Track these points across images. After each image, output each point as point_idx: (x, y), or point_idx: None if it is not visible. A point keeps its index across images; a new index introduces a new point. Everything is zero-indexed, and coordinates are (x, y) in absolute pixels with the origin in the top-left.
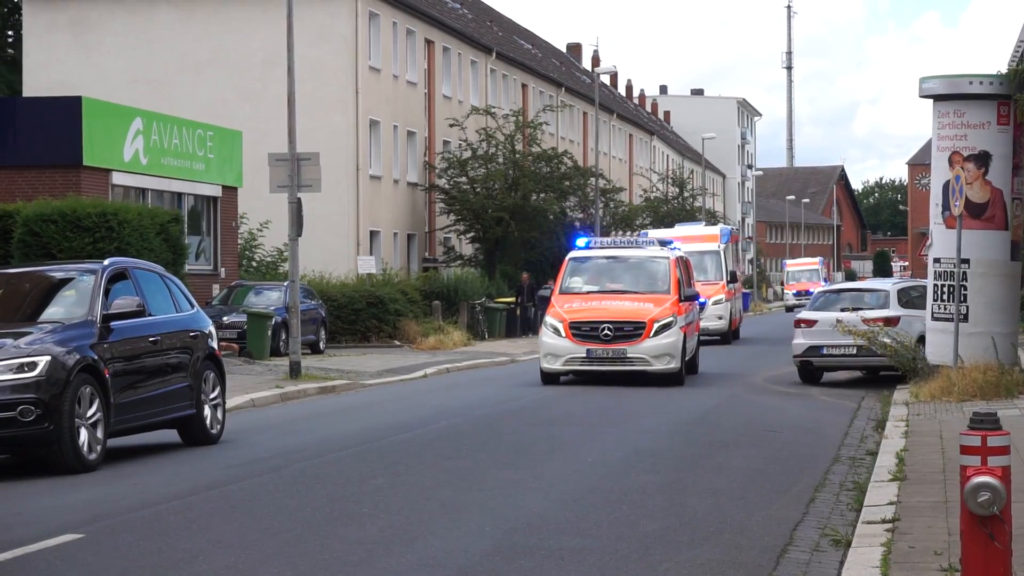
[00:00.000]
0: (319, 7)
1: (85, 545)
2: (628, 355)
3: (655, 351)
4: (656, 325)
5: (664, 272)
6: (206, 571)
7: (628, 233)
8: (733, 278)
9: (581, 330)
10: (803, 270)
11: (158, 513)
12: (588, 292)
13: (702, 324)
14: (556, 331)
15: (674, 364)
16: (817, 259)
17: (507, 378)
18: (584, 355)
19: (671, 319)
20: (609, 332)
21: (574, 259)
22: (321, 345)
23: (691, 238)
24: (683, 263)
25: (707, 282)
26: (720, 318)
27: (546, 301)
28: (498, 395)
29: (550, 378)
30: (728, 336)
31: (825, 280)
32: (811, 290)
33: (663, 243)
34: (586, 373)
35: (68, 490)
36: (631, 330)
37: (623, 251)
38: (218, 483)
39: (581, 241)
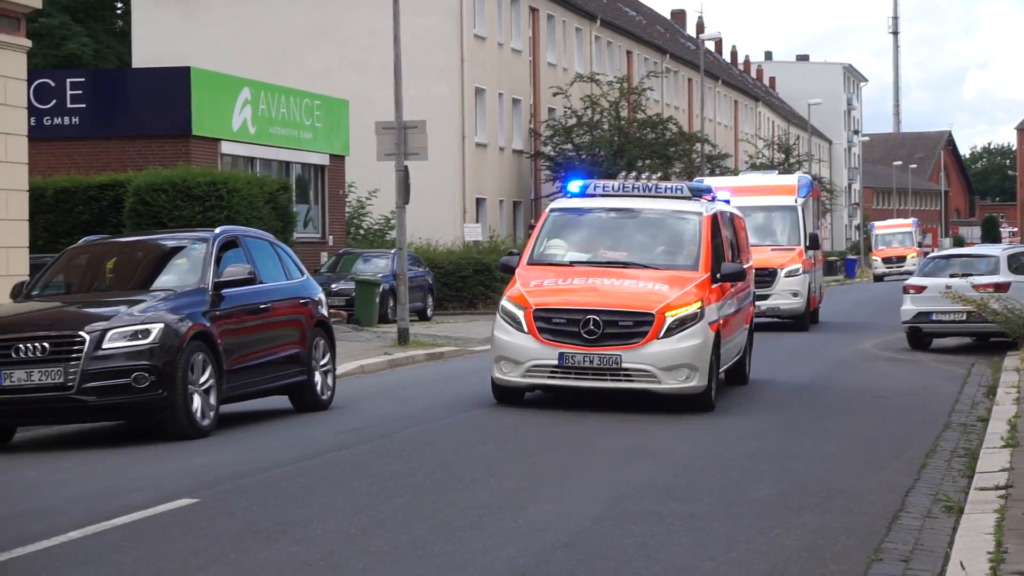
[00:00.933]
0: None
1: (200, 509)
2: (623, 364)
3: (666, 360)
4: (669, 319)
5: (692, 235)
6: (319, 535)
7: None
8: (814, 243)
9: (552, 323)
10: (895, 233)
11: (271, 478)
12: (571, 264)
13: (771, 302)
14: (514, 322)
15: (696, 380)
16: (911, 220)
17: None
18: (555, 362)
19: (695, 310)
20: (596, 328)
21: (558, 211)
22: (428, 312)
23: (759, 189)
24: (727, 222)
25: (778, 247)
26: (795, 295)
27: (509, 273)
28: None
29: (505, 394)
30: (805, 319)
31: (921, 245)
32: (903, 256)
33: (698, 192)
34: (558, 389)
35: (182, 455)
36: (630, 325)
37: (633, 200)
38: (329, 448)
39: (574, 185)
